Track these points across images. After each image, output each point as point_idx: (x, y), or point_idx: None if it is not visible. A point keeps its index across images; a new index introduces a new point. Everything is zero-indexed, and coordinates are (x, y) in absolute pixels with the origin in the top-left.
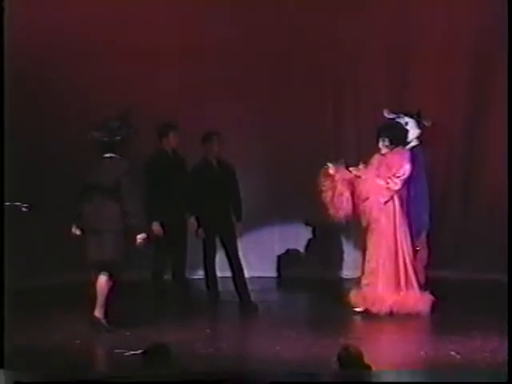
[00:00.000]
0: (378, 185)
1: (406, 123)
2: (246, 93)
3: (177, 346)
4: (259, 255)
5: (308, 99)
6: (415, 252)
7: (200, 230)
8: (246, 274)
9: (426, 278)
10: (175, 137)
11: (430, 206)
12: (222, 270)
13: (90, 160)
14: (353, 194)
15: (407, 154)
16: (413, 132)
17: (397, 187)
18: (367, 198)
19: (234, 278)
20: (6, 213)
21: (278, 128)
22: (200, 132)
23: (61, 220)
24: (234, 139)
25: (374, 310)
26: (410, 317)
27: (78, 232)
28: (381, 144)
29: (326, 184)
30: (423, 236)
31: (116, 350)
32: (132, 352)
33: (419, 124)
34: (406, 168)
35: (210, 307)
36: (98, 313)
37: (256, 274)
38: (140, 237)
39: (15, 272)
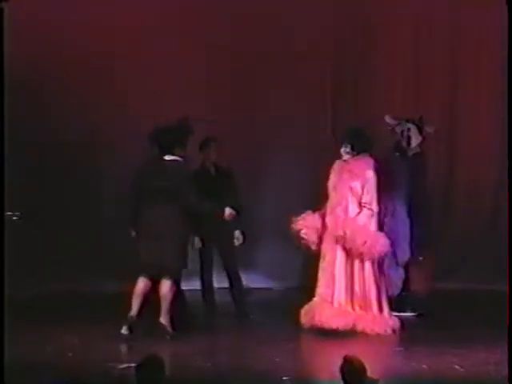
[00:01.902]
0: (361, 222)
1: (408, 129)
2: (245, 95)
3: (172, 359)
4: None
5: (307, 101)
6: (418, 262)
7: (197, 240)
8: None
9: (430, 288)
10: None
11: (432, 214)
12: (220, 281)
13: (146, 162)
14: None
15: (371, 162)
16: (415, 139)
17: (374, 208)
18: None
19: (231, 289)
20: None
21: (279, 136)
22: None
23: (56, 228)
24: (234, 145)
25: (333, 325)
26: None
27: (134, 234)
28: (342, 150)
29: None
30: (426, 246)
31: (109, 364)
32: (125, 365)
33: (421, 130)
34: (370, 176)
35: (206, 319)
36: (164, 319)
37: (255, 285)
38: (228, 212)
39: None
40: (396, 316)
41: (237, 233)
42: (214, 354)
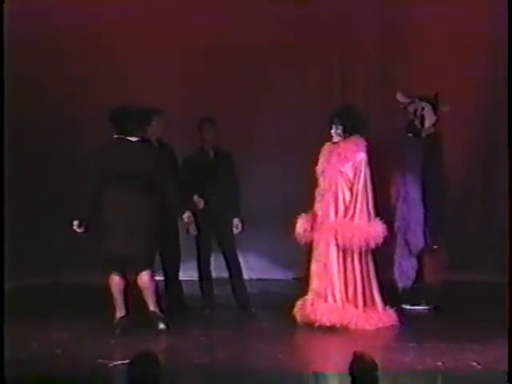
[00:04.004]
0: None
1: (422, 108)
2: (247, 80)
3: (167, 355)
4: (260, 255)
5: (315, 81)
6: (432, 251)
7: (192, 226)
8: (245, 276)
9: (445, 279)
10: (159, 123)
11: (448, 199)
12: (218, 270)
13: (106, 142)
14: None
15: (363, 144)
16: (429, 118)
17: (363, 195)
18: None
19: (231, 279)
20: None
21: (281, 123)
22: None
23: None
24: (234, 129)
25: (327, 322)
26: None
27: (79, 230)
28: (333, 132)
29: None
30: (441, 233)
31: (99, 360)
32: (117, 362)
33: (436, 109)
34: (361, 158)
35: (204, 312)
36: (155, 308)
37: (256, 276)
38: (186, 216)
39: None
40: (409, 310)
41: (235, 220)
42: (212, 349)
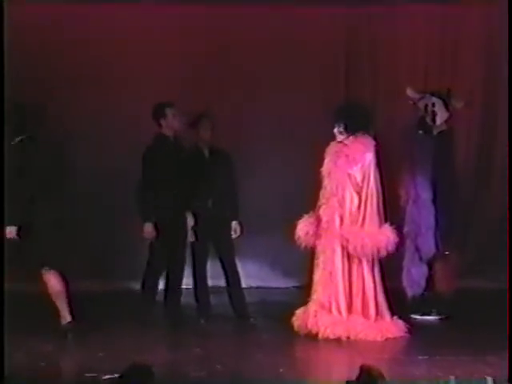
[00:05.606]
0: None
1: (433, 104)
2: (248, 74)
3: (161, 368)
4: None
5: (318, 78)
6: (444, 257)
7: (190, 233)
8: (243, 284)
9: (457, 286)
10: (175, 116)
11: (461, 201)
12: (215, 278)
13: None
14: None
15: (371, 144)
16: (441, 115)
17: (375, 198)
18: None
19: (228, 288)
20: None
21: (282, 122)
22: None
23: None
24: (233, 128)
25: (330, 335)
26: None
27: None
28: (336, 130)
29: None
30: (453, 238)
31: (87, 374)
32: (107, 376)
33: (448, 106)
34: (369, 159)
35: (199, 322)
36: (70, 317)
37: (255, 284)
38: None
39: None
40: (419, 319)
41: (234, 224)
42: (208, 362)
